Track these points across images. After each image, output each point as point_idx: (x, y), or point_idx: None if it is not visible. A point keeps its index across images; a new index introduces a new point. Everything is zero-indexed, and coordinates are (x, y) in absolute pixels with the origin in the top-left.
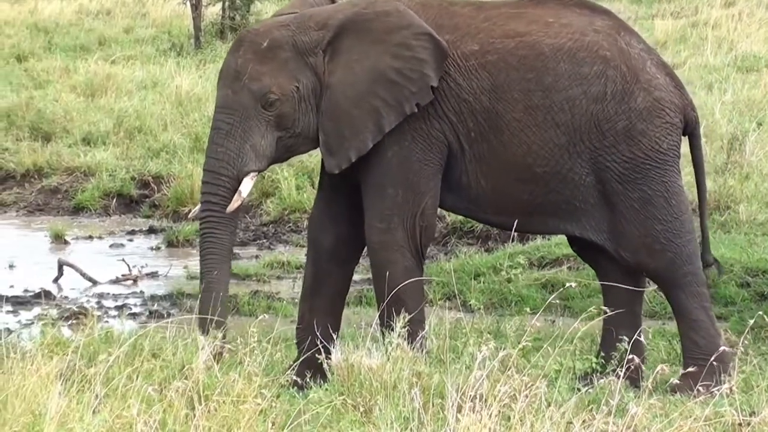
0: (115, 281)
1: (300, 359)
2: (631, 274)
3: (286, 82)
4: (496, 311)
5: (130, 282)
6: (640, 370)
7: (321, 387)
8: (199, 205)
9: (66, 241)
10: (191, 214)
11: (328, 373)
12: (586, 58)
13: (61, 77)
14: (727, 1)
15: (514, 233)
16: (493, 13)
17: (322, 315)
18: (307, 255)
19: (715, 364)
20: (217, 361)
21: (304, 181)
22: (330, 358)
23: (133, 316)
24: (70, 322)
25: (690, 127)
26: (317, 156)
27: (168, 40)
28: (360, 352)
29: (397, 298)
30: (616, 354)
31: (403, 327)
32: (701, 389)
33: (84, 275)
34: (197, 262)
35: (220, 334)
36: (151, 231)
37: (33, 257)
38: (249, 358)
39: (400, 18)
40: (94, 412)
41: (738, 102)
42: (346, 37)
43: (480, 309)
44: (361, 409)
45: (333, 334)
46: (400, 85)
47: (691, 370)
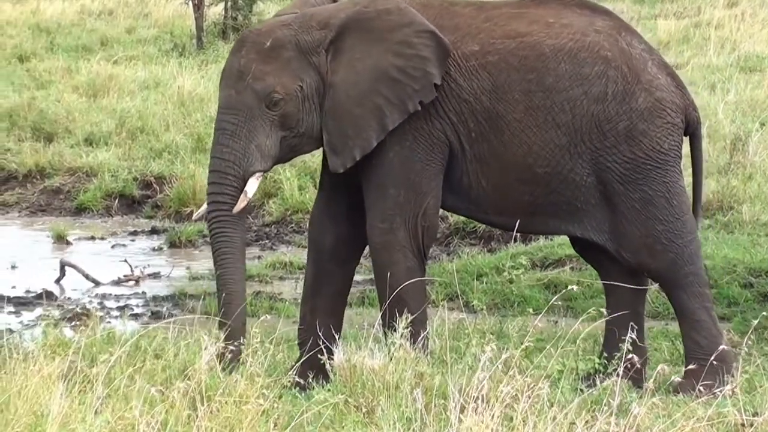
0: (117, 282)
1: (302, 360)
2: (634, 275)
3: (290, 82)
4: (499, 312)
5: (132, 283)
6: (643, 370)
7: (323, 388)
8: (204, 206)
9: (68, 242)
10: (195, 215)
11: (331, 374)
12: (587, 58)
13: (63, 77)
14: (730, 1)
15: (517, 234)
16: (494, 13)
17: (323, 315)
18: (307, 255)
19: (716, 363)
20: (220, 361)
21: (307, 181)
22: (332, 359)
23: (135, 316)
24: (73, 323)
25: (691, 128)
26: (319, 156)
27: (170, 41)
28: (362, 352)
29: (400, 299)
30: (619, 354)
31: (406, 328)
32: (703, 389)
33: (86, 276)
34: (200, 263)
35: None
36: (154, 231)
37: (35, 258)
38: (251, 359)
39: (402, 16)
40: (96, 412)
41: (741, 102)
42: (348, 35)
43: (482, 309)
44: (364, 409)
45: (335, 335)
46: (403, 83)
47: (694, 369)
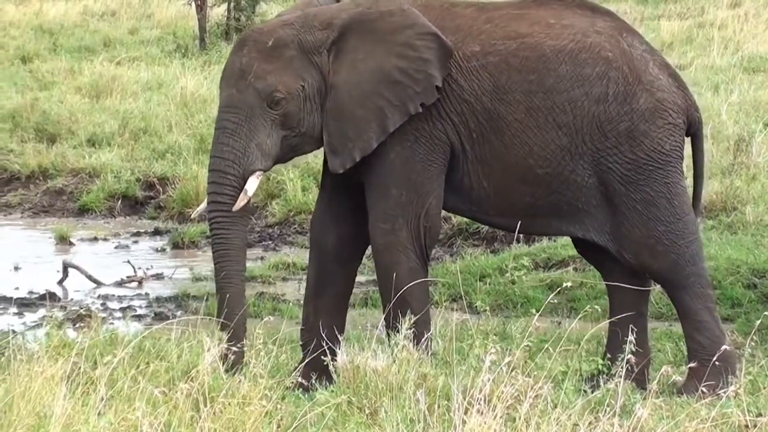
0: (120, 283)
1: (305, 361)
2: (637, 276)
3: (292, 81)
4: (502, 313)
5: (135, 284)
6: (646, 371)
7: (326, 389)
8: (203, 204)
9: (71, 243)
10: (194, 214)
11: (334, 375)
12: (588, 59)
13: (66, 78)
14: (733, 1)
15: (520, 235)
16: (495, 14)
17: (326, 316)
18: (309, 256)
19: (718, 364)
20: (224, 363)
21: (310, 182)
22: (335, 360)
23: (138, 317)
24: (76, 324)
25: (693, 128)
26: (322, 157)
27: (173, 42)
28: (366, 353)
29: (402, 300)
30: (622, 356)
31: (409, 329)
32: (706, 390)
33: (89, 277)
34: (203, 264)
35: (235, 334)
36: (157, 232)
37: (38, 259)
38: (254, 360)
39: (405, 17)
40: (99, 414)
41: (744, 103)
42: (350, 36)
43: (486, 310)
44: (367, 410)
45: (338, 336)
46: (405, 85)
47: (696, 370)
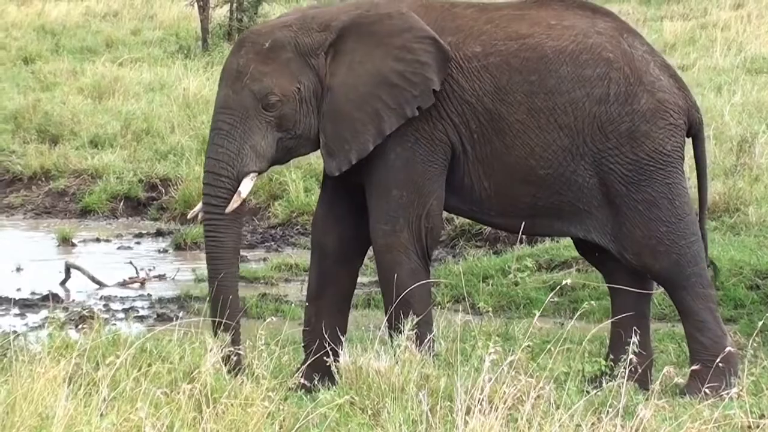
0: (123, 284)
1: (307, 362)
2: (638, 277)
3: (288, 83)
4: (505, 314)
5: (137, 285)
6: (649, 372)
7: (329, 389)
8: (199, 205)
9: (73, 244)
10: (190, 214)
11: (336, 376)
12: (589, 60)
13: (68, 79)
14: (736, 2)
15: (522, 236)
16: (496, 15)
17: (328, 317)
18: (311, 257)
19: (721, 365)
20: (226, 364)
21: (312, 183)
22: (337, 361)
23: (141, 319)
24: (78, 325)
25: (694, 129)
26: None
27: (175, 42)
28: (368, 354)
29: (404, 301)
30: (625, 356)
31: (412, 329)
32: (709, 391)
33: (91, 278)
34: (205, 265)
35: (229, 337)
36: (159, 234)
37: (40, 260)
38: (257, 361)
39: (403, 21)
40: (101, 415)
41: (747, 104)
42: (348, 39)
43: (488, 311)
44: (369, 411)
45: (340, 336)
46: (402, 88)
47: (699, 371)
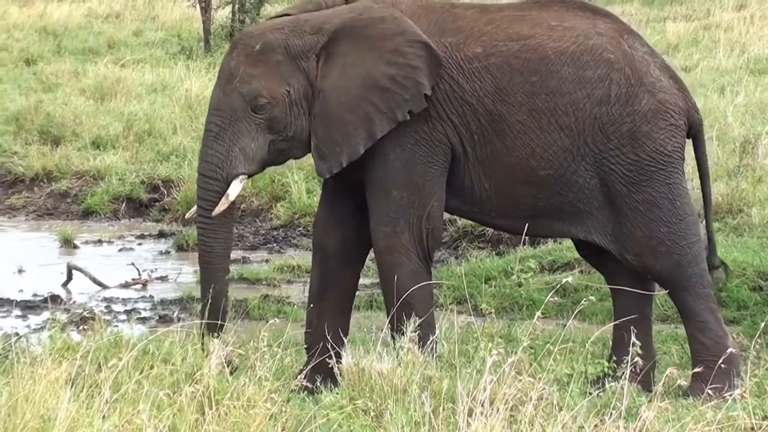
0: (125, 285)
1: (310, 364)
2: (639, 278)
3: (277, 86)
4: (507, 315)
5: (139, 286)
6: (652, 374)
7: (331, 391)
8: (195, 207)
9: (75, 245)
10: (188, 215)
11: (339, 378)
12: (590, 61)
13: (71, 81)
14: (739, 3)
15: (525, 237)
16: (497, 16)
17: (330, 318)
18: (312, 258)
19: (724, 366)
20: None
21: (315, 184)
22: (340, 362)
23: (143, 320)
24: (80, 327)
25: (694, 130)
26: None
27: (177, 44)
28: (371, 356)
29: (406, 302)
30: (628, 358)
31: (414, 331)
32: (712, 393)
33: (93, 279)
34: None
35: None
36: (161, 235)
37: (42, 261)
38: (259, 363)
39: (396, 24)
40: (103, 417)
41: (750, 105)
42: (341, 42)
43: (491, 313)
44: (372, 413)
45: (342, 338)
46: (393, 92)
47: (701, 372)
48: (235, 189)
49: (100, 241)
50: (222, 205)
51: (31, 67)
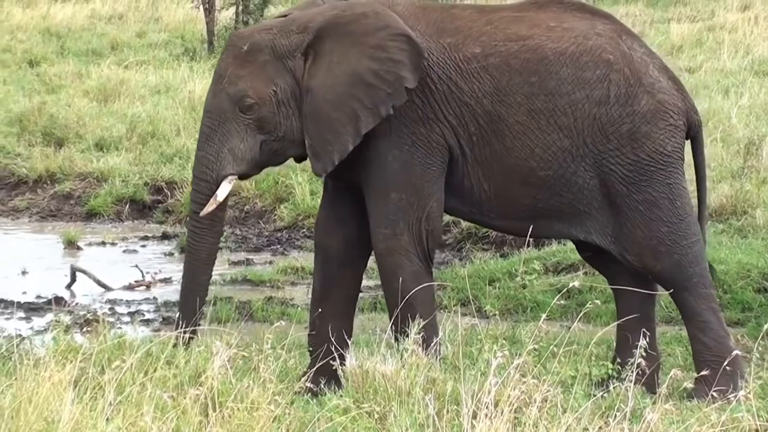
0: (128, 287)
1: (314, 366)
2: (641, 279)
3: (263, 86)
4: (512, 317)
5: (143, 288)
6: (656, 375)
7: (335, 393)
8: None
9: (79, 247)
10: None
11: (343, 380)
12: (589, 62)
13: (74, 82)
14: (743, 4)
15: (529, 238)
16: (495, 16)
17: (333, 320)
18: (315, 260)
19: (729, 368)
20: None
21: (318, 186)
22: (344, 364)
23: (147, 322)
24: (83, 329)
25: (693, 131)
26: None
27: (181, 45)
28: (374, 358)
29: (408, 304)
30: (632, 360)
31: (418, 333)
32: (716, 394)
33: (97, 281)
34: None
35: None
36: (165, 237)
37: (45, 263)
38: (263, 365)
39: (378, 19)
40: (107, 419)
41: (755, 106)
42: (326, 39)
43: (495, 315)
44: (376, 415)
45: (346, 339)
46: (377, 87)
47: (705, 374)
48: (223, 190)
49: (103, 243)
50: (210, 206)
51: (35, 68)
